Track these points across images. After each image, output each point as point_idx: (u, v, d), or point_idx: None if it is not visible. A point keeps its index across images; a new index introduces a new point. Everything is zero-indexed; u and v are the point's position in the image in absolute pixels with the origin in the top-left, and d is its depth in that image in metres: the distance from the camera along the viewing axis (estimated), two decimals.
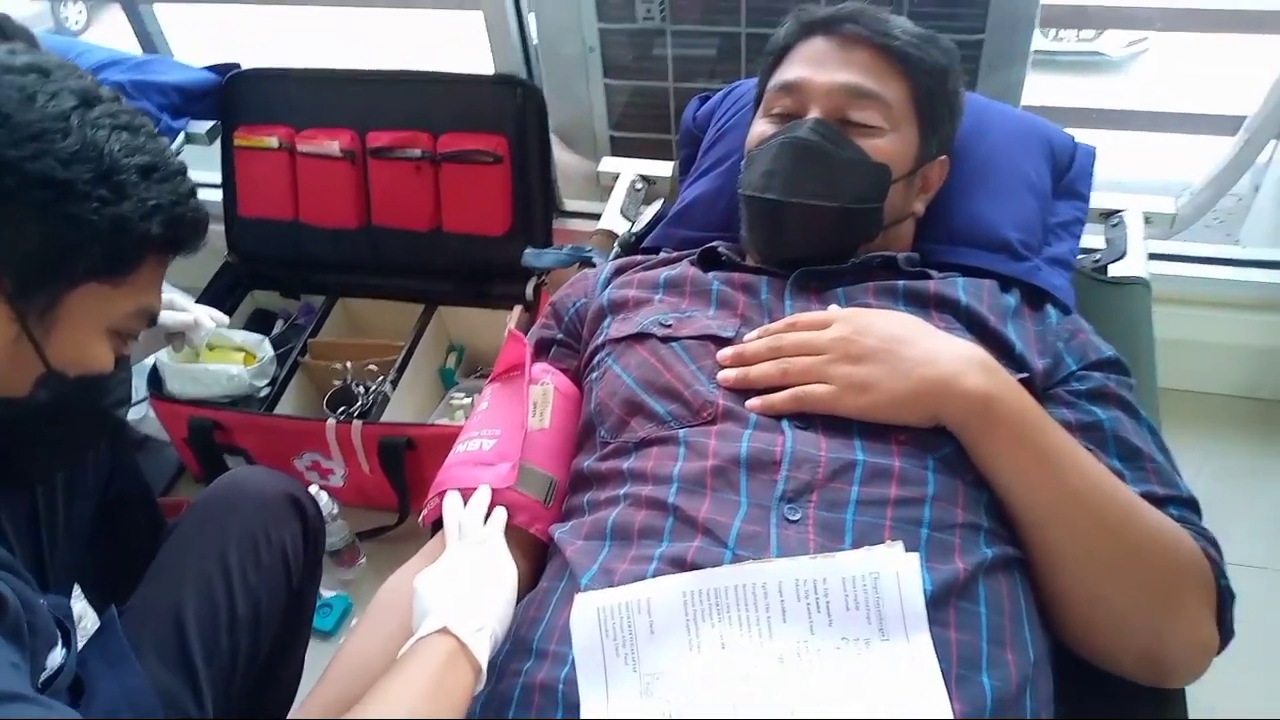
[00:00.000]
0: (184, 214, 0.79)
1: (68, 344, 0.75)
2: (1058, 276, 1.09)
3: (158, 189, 0.76)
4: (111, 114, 0.76)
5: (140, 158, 0.75)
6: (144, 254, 0.77)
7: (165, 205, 0.76)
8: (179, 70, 1.91)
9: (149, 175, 0.76)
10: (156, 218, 0.76)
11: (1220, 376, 1.85)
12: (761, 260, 1.04)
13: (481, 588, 0.79)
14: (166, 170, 0.78)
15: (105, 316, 0.77)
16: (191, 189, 0.81)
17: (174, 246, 0.81)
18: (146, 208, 0.75)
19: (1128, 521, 0.80)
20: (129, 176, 0.74)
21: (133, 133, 0.76)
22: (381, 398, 1.72)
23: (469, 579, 0.79)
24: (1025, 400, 0.83)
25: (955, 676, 0.69)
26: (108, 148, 0.73)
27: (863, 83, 0.99)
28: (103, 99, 0.76)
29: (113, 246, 0.74)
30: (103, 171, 0.73)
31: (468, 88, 1.80)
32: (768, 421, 0.85)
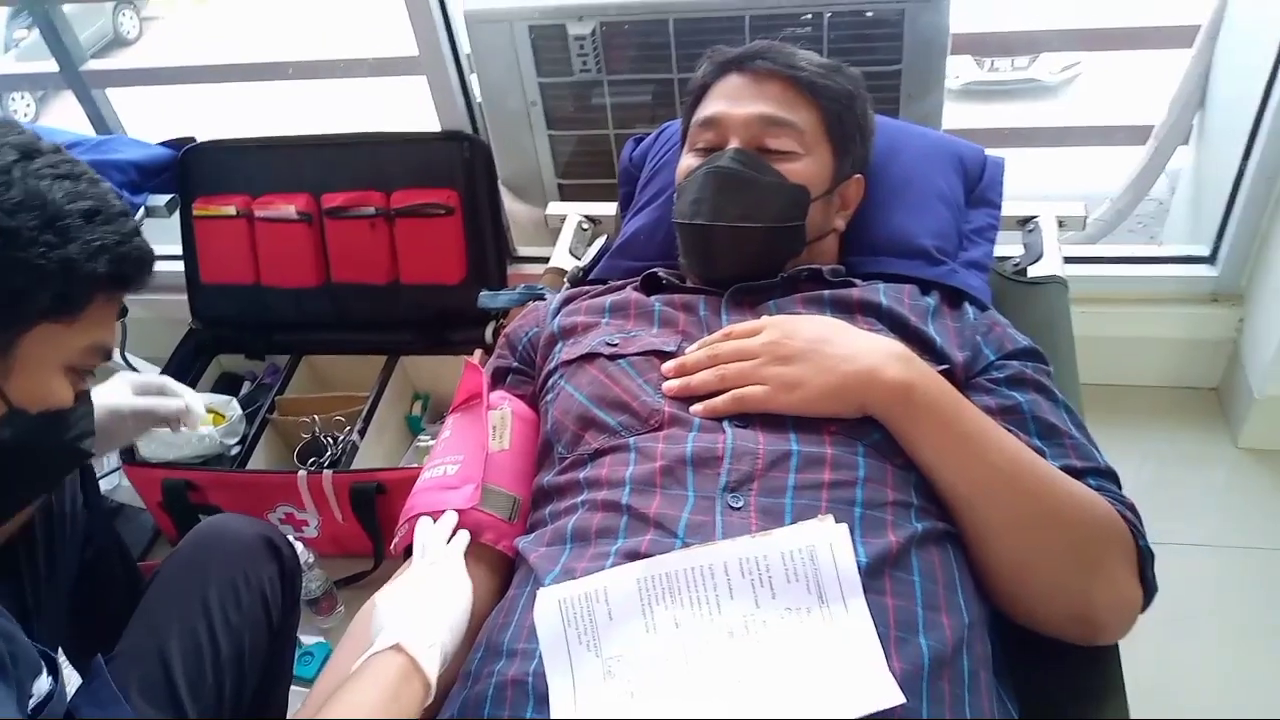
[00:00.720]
0: (129, 252, 0.82)
1: (27, 383, 0.78)
2: (974, 278, 1.18)
3: (101, 230, 0.79)
4: (52, 164, 0.79)
5: (82, 203, 0.79)
6: (93, 293, 0.80)
7: (110, 245, 0.80)
8: (136, 148, 1.97)
9: (92, 218, 0.79)
10: (102, 258, 0.79)
11: (1151, 370, 1.94)
12: (698, 281, 1.12)
13: (436, 604, 0.84)
14: (109, 213, 0.81)
15: (61, 354, 0.81)
16: (135, 229, 0.84)
17: (122, 284, 0.83)
18: (92, 249, 0.78)
19: (1047, 491, 0.86)
20: (73, 220, 0.78)
21: (74, 180, 0.80)
22: (350, 447, 1.76)
23: (425, 596, 0.84)
24: (943, 386, 0.90)
25: (893, 639, 0.75)
26: (50, 195, 0.77)
27: (776, 112, 1.08)
28: (42, 151, 0.80)
29: (62, 288, 0.77)
30: (47, 218, 0.76)
31: (416, 146, 1.88)
32: (710, 424, 0.92)
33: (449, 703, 0.86)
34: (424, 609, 0.83)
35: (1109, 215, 2.06)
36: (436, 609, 0.83)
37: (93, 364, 0.85)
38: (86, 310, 0.80)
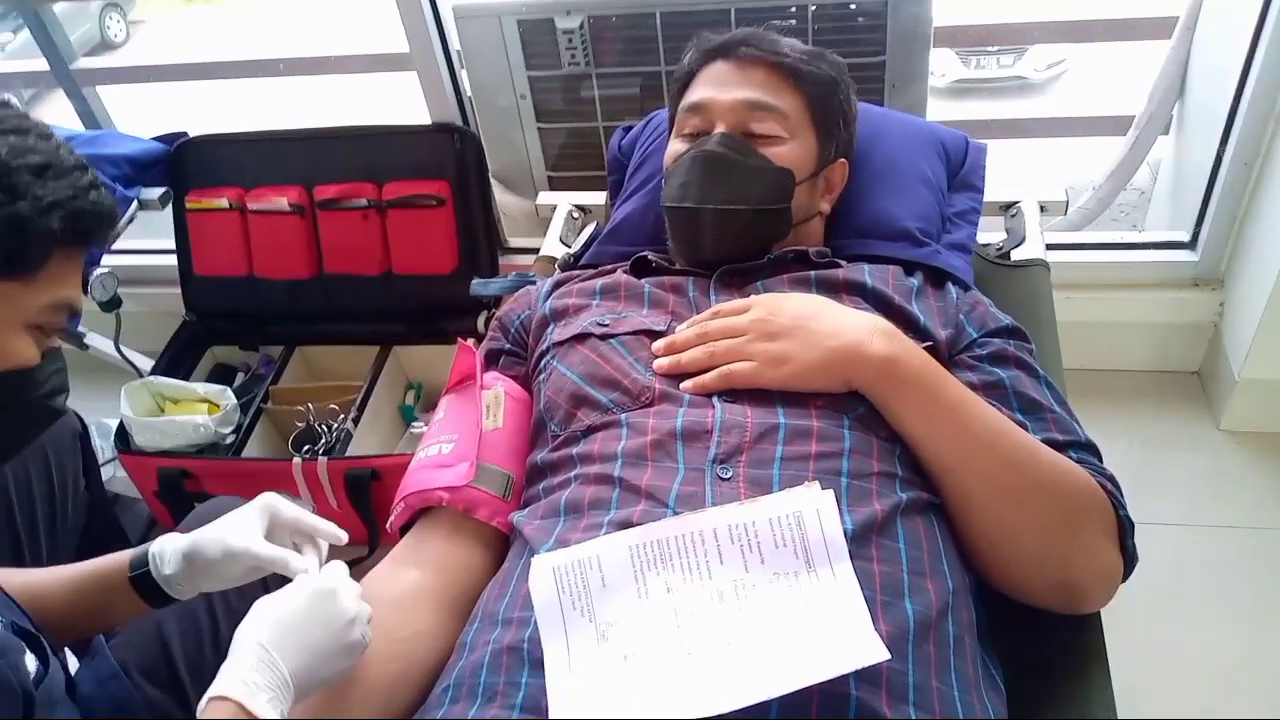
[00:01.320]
0: (83, 207, 0.80)
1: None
2: (956, 258, 1.20)
3: (53, 185, 0.78)
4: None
5: (32, 158, 0.77)
6: (50, 249, 0.79)
7: (63, 200, 0.78)
8: (128, 142, 1.98)
9: (42, 174, 0.78)
10: (55, 213, 0.78)
11: (1132, 354, 1.97)
12: (686, 263, 1.14)
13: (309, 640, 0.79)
14: (60, 167, 0.80)
15: (21, 313, 0.79)
16: (91, 182, 0.83)
17: (79, 239, 0.82)
18: (43, 205, 0.77)
19: (1028, 462, 0.89)
20: (21, 177, 0.76)
21: (21, 135, 0.78)
22: (345, 435, 1.78)
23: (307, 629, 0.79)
24: (926, 360, 0.93)
25: (880, 602, 0.77)
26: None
27: (761, 97, 1.11)
28: None
29: (14, 245, 0.76)
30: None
31: (408, 138, 1.90)
32: (699, 399, 0.94)
33: (445, 673, 0.87)
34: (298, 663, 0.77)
35: (1091, 204, 2.09)
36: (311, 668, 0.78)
37: (58, 322, 0.83)
38: (45, 268, 0.79)
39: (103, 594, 0.94)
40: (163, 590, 0.92)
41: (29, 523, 1.16)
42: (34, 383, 0.84)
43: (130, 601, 0.93)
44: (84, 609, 0.95)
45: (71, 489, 1.24)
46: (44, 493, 1.20)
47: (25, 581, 0.92)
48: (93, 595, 0.94)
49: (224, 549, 0.88)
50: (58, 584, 0.95)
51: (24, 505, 1.17)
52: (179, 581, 0.91)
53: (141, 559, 0.92)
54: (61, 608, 0.93)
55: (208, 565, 0.89)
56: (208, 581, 0.90)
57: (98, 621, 0.97)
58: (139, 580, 0.92)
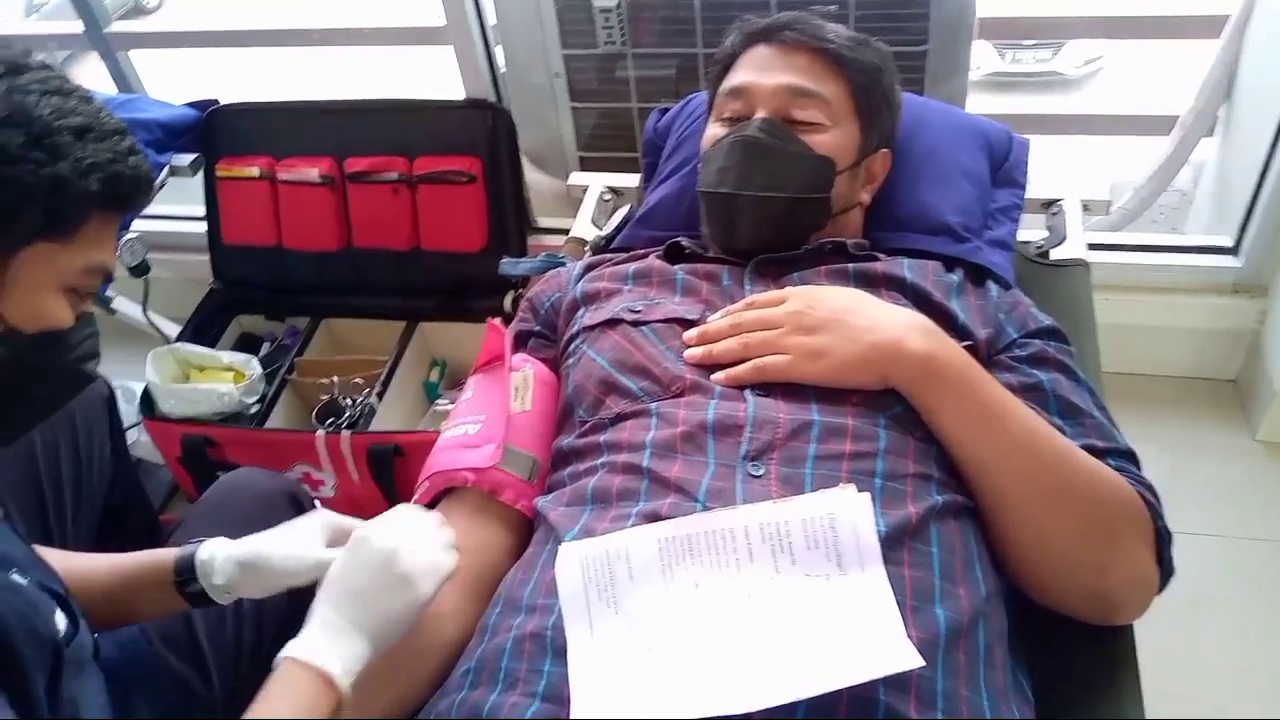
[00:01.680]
0: (123, 170, 0.80)
1: (23, 302, 0.77)
2: (997, 255, 1.18)
3: (93, 148, 0.78)
4: (40, 80, 0.77)
5: (73, 119, 0.77)
6: (88, 211, 0.79)
7: (102, 163, 0.78)
8: (161, 108, 1.98)
9: (83, 135, 0.78)
10: (94, 175, 0.77)
11: (1169, 359, 1.94)
12: (721, 251, 1.12)
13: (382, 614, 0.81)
14: (101, 130, 0.80)
15: (57, 274, 0.79)
16: (130, 147, 0.83)
17: (117, 203, 0.82)
18: (83, 166, 0.77)
19: (1066, 466, 0.87)
20: (62, 138, 0.76)
21: (63, 96, 0.78)
22: (368, 409, 1.78)
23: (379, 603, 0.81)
24: (965, 359, 0.91)
25: (910, 607, 0.76)
26: (37, 111, 0.75)
27: (803, 83, 1.08)
28: (30, 67, 0.78)
29: (53, 206, 0.76)
30: (34, 134, 0.74)
31: (440, 113, 1.89)
32: (731, 392, 0.93)
33: (465, 655, 0.87)
34: (375, 622, 0.80)
35: (1132, 204, 2.05)
36: (386, 627, 0.81)
37: (92, 285, 0.83)
38: (82, 229, 0.79)
39: (143, 590, 0.95)
40: (205, 593, 0.93)
41: (55, 486, 1.17)
42: (66, 346, 0.83)
43: (171, 601, 0.94)
44: (124, 602, 0.95)
45: (98, 453, 1.24)
46: (70, 456, 1.21)
47: (64, 565, 0.92)
48: (132, 590, 0.95)
49: (300, 563, 0.87)
50: (98, 573, 0.96)
51: (50, 469, 1.17)
52: (228, 590, 0.92)
53: (188, 563, 0.92)
54: (98, 597, 0.93)
55: (270, 576, 0.89)
56: (260, 590, 0.91)
57: (133, 614, 0.98)
58: (182, 584, 0.93)
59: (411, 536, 0.85)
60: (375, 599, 0.81)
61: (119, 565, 0.97)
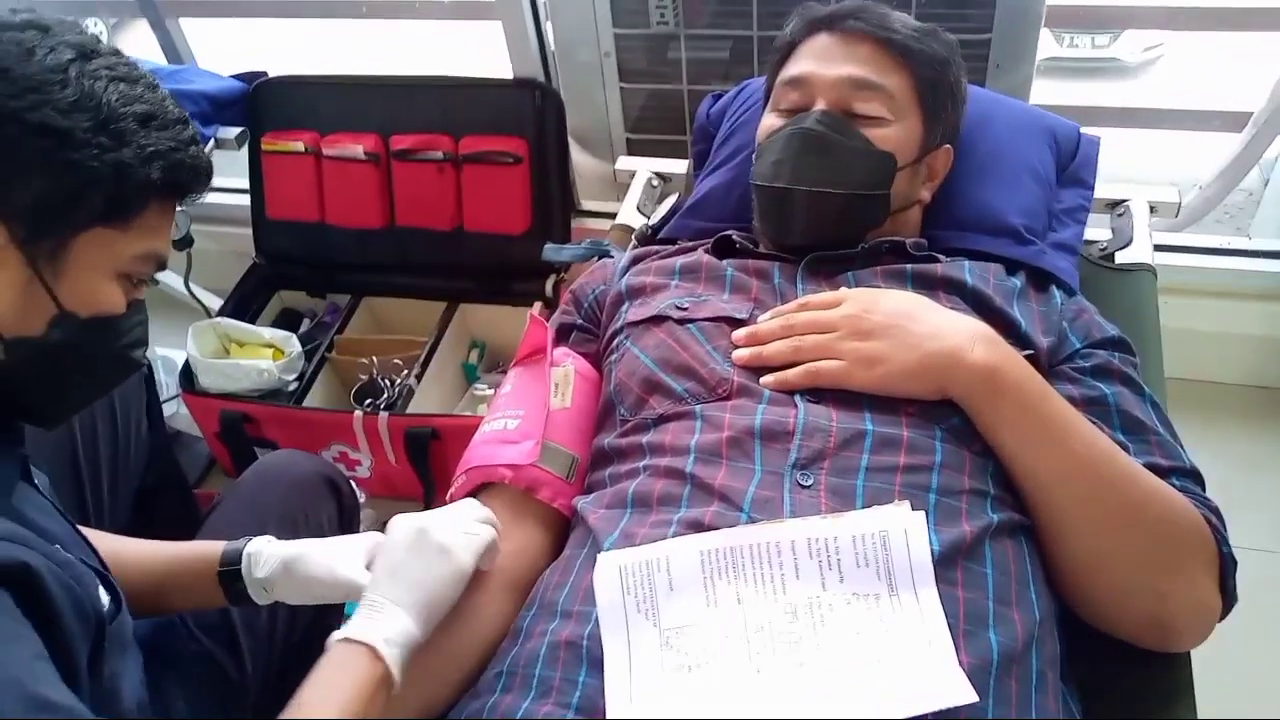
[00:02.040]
0: (184, 160, 0.80)
1: (78, 286, 0.78)
2: (1062, 260, 1.13)
3: (157, 136, 0.78)
4: (109, 66, 0.78)
5: (139, 106, 0.77)
6: (147, 199, 0.79)
7: (164, 151, 0.78)
8: (208, 79, 1.97)
9: (148, 123, 0.78)
10: (156, 163, 0.77)
11: (1228, 366, 1.87)
12: (773, 247, 1.08)
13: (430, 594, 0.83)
14: (165, 119, 0.80)
15: (113, 260, 0.79)
16: (192, 137, 0.83)
17: (177, 191, 0.82)
18: (146, 153, 0.77)
19: (1129, 485, 0.83)
20: (127, 124, 0.76)
21: (130, 84, 0.78)
22: (407, 391, 1.76)
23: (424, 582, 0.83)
24: (1027, 371, 0.87)
25: (963, 632, 0.73)
26: (105, 97, 0.75)
27: (866, 75, 1.04)
28: (100, 53, 0.78)
29: (115, 192, 0.76)
30: (101, 120, 0.75)
31: (488, 92, 1.85)
32: (780, 396, 0.89)
33: (498, 657, 0.85)
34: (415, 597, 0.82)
35: (1197, 203, 1.97)
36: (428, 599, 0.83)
37: (146, 272, 0.83)
38: (140, 216, 0.79)
39: (186, 579, 0.95)
40: (245, 590, 0.94)
41: (93, 465, 1.16)
42: (118, 332, 0.83)
43: (211, 593, 0.95)
44: (164, 590, 0.96)
45: (135, 430, 1.24)
46: (108, 434, 1.20)
47: (111, 549, 0.92)
48: (176, 578, 0.96)
49: (331, 574, 0.89)
50: (141, 558, 0.96)
51: (88, 445, 1.17)
52: (266, 587, 0.93)
53: (235, 555, 0.94)
54: (138, 582, 0.93)
55: (305, 581, 0.91)
56: (295, 594, 0.93)
57: (173, 604, 0.99)
58: (226, 575, 0.94)
59: (443, 514, 0.88)
60: (414, 572, 0.83)
61: (161, 552, 0.97)
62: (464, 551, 0.85)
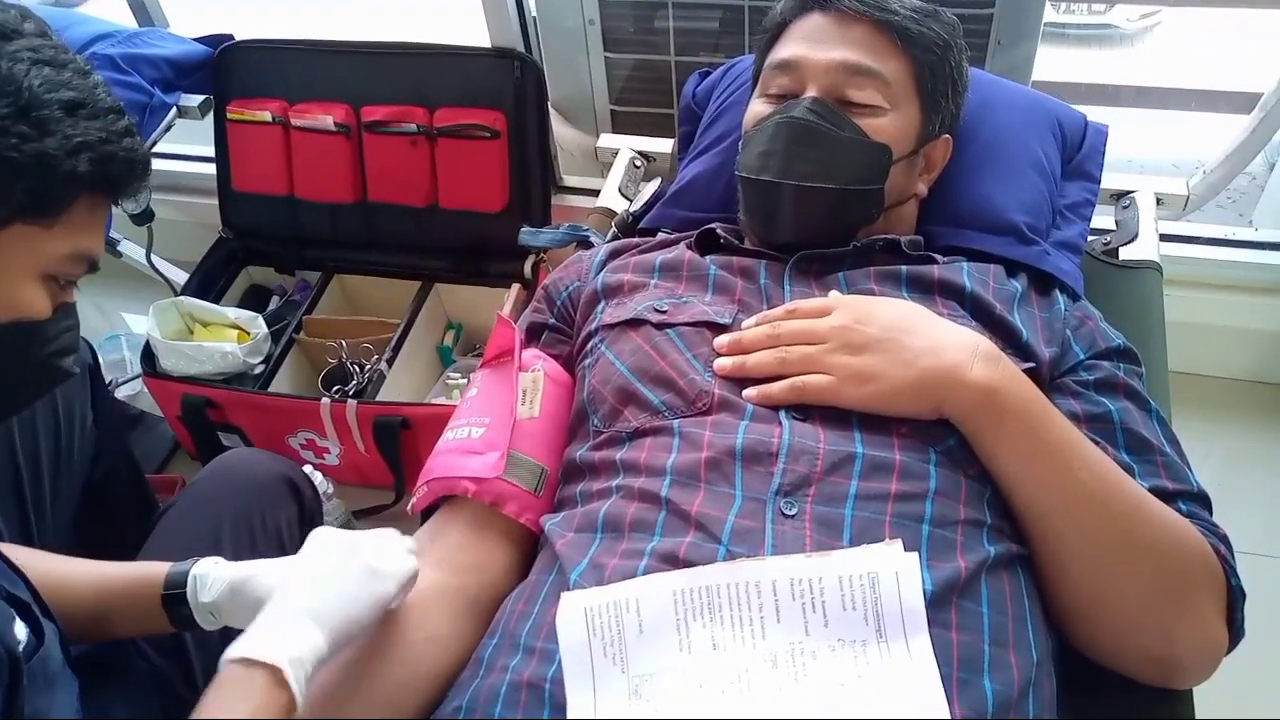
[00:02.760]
0: (114, 152, 0.75)
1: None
2: (1066, 261, 1.06)
3: (85, 125, 0.73)
4: (33, 48, 0.72)
5: (65, 93, 0.72)
6: (75, 193, 0.73)
7: (93, 142, 0.73)
8: (171, 43, 1.87)
9: (75, 111, 0.72)
10: (84, 155, 0.72)
11: (1228, 360, 1.81)
12: (760, 243, 1.01)
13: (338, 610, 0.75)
14: (95, 107, 0.74)
15: (37, 259, 0.74)
16: (126, 128, 0.77)
17: (107, 186, 0.77)
18: (72, 144, 0.71)
19: (1136, 517, 0.78)
20: (51, 112, 0.71)
21: (56, 68, 0.73)
22: (377, 376, 1.69)
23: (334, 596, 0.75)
24: (1031, 392, 0.81)
25: (956, 680, 0.67)
26: (26, 82, 0.70)
27: (861, 60, 0.96)
28: (23, 33, 0.73)
29: (38, 185, 0.71)
30: (21, 106, 0.69)
31: (465, 61, 1.75)
32: (765, 412, 0.83)
33: (458, 688, 0.80)
34: (333, 612, 0.74)
35: (1200, 189, 1.89)
36: (346, 619, 0.74)
37: (75, 273, 0.78)
38: (68, 213, 0.73)
39: (127, 604, 0.87)
40: (191, 615, 0.85)
41: (33, 464, 1.09)
42: (41, 339, 0.77)
43: (154, 619, 0.86)
44: (105, 616, 0.88)
45: (79, 424, 1.16)
46: (49, 427, 1.13)
47: (48, 571, 0.86)
48: (118, 602, 0.88)
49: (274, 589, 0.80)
50: (82, 583, 0.88)
51: (28, 446, 1.09)
52: (214, 611, 0.84)
53: (180, 578, 0.85)
54: (81, 610, 0.86)
55: (254, 605, 0.81)
56: (244, 618, 0.82)
57: (116, 630, 0.90)
58: (170, 599, 0.85)
59: (374, 536, 0.80)
60: (337, 586, 0.75)
61: (103, 575, 0.89)
62: (392, 580, 0.77)
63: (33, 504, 1.10)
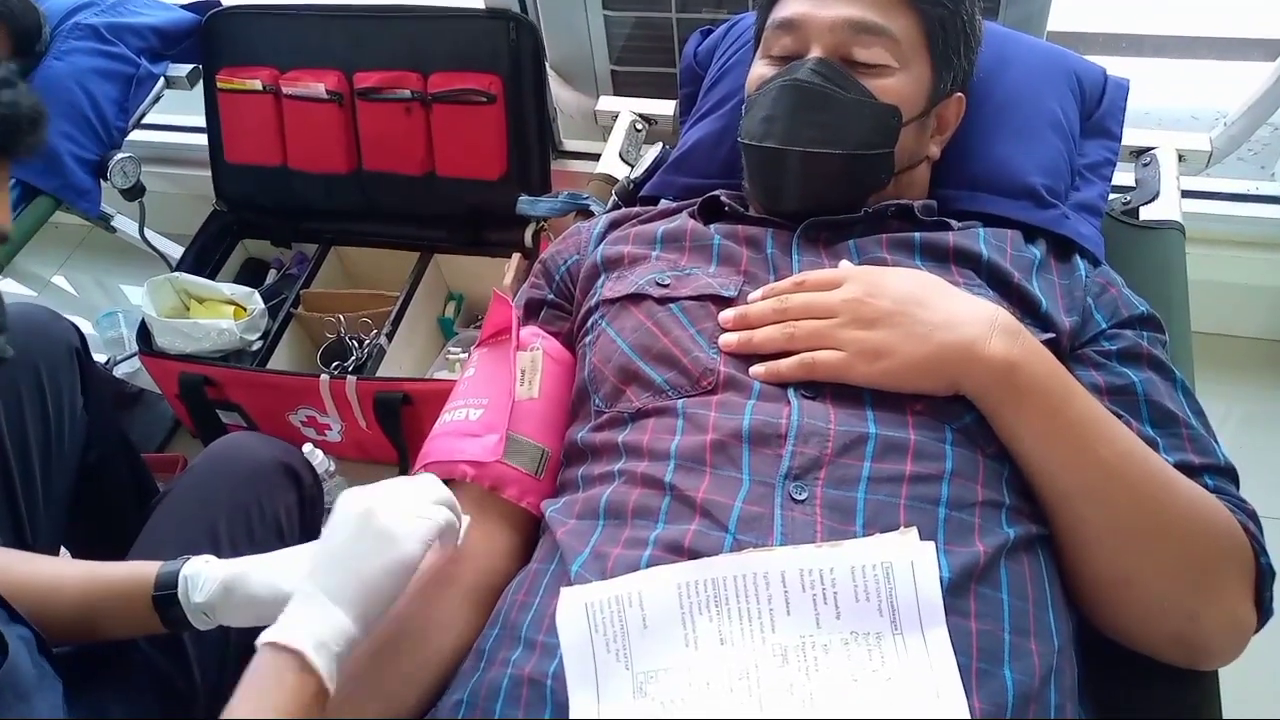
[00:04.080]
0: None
1: None
2: (1085, 225, 1.02)
3: None
4: None
5: None
6: None
7: None
8: (157, 10, 1.82)
9: None
10: None
11: (1248, 319, 1.77)
12: (765, 212, 0.97)
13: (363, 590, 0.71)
14: None
15: None
16: (3, 78, 0.72)
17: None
18: None
19: (1162, 496, 0.74)
20: None
21: None
22: (377, 350, 1.66)
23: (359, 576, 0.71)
24: (1052, 366, 0.77)
25: (975, 671, 0.65)
26: None
27: (867, 16, 0.91)
28: None
29: None
30: None
31: (458, 24, 1.70)
32: (772, 390, 0.79)
33: (459, 680, 0.77)
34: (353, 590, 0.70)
35: (1221, 142, 1.83)
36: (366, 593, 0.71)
37: None
38: None
39: (117, 605, 0.84)
40: (184, 616, 0.82)
41: (21, 452, 1.07)
42: None
43: (145, 620, 0.83)
44: (94, 618, 0.85)
45: (68, 409, 1.14)
46: (37, 414, 1.10)
47: (33, 573, 0.83)
48: (107, 604, 0.84)
49: (274, 591, 0.77)
50: (69, 586, 0.85)
51: (15, 430, 1.07)
52: (207, 611, 0.81)
53: (171, 578, 0.82)
54: (69, 613, 0.83)
55: (248, 602, 0.79)
56: (239, 616, 0.81)
57: (106, 633, 0.87)
58: (162, 600, 0.82)
59: (393, 493, 0.75)
60: (351, 561, 0.71)
61: (94, 576, 0.86)
62: (410, 539, 0.72)
63: (24, 495, 1.08)
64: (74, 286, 2.31)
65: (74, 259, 2.32)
